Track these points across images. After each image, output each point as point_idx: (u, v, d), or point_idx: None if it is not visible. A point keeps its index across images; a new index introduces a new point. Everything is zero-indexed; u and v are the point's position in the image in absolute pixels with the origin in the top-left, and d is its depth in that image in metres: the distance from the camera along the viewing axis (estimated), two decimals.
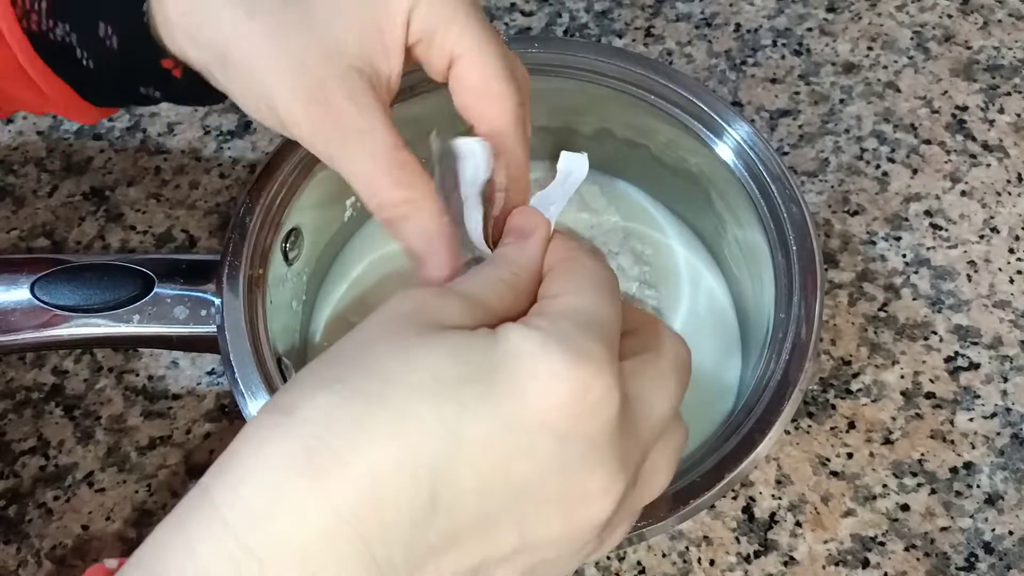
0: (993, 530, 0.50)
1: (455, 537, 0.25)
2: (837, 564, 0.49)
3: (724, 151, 0.50)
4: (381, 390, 0.25)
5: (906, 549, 0.50)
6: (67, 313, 0.45)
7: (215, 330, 0.45)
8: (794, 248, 0.47)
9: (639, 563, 0.49)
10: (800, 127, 0.63)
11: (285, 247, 0.49)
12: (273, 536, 0.24)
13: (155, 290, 0.46)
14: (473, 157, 0.36)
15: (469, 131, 0.37)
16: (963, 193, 0.61)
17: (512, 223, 0.35)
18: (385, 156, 0.34)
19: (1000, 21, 0.68)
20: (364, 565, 0.24)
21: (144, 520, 0.51)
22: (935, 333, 0.56)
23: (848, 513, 0.51)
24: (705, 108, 0.50)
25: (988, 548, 0.50)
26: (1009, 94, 0.65)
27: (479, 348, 0.26)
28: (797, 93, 0.65)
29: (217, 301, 0.45)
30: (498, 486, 0.25)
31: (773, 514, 0.51)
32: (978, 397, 0.54)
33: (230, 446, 0.26)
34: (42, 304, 0.45)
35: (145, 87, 0.41)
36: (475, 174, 0.37)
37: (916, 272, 0.58)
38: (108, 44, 0.38)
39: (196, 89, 0.39)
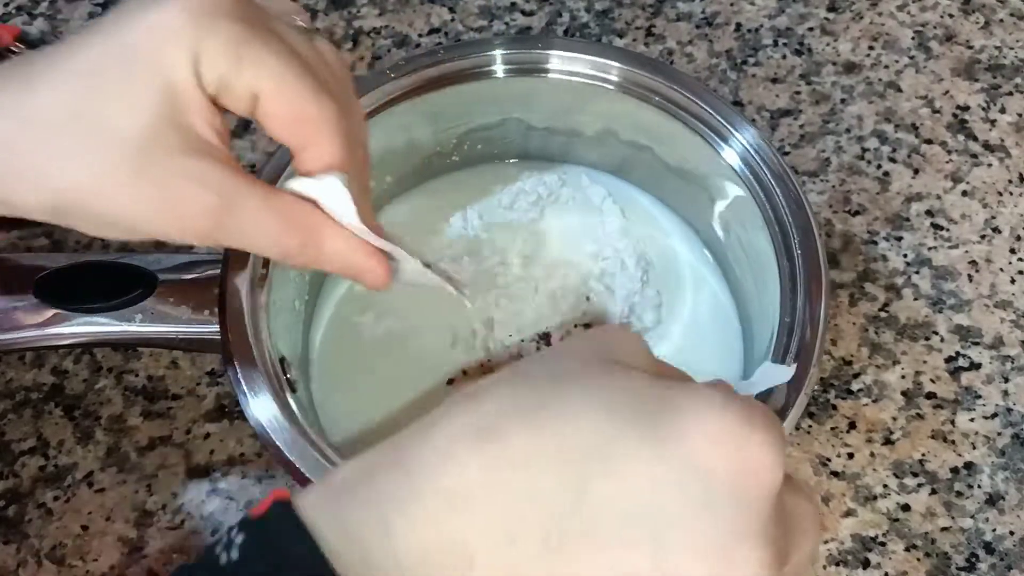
0: (994, 530, 0.50)
1: (592, 544, 0.26)
2: (838, 564, 0.49)
3: (728, 153, 0.50)
4: (557, 400, 0.27)
5: (907, 549, 0.50)
6: (69, 312, 0.45)
7: (217, 330, 0.45)
8: (799, 252, 0.46)
9: None
10: (801, 127, 0.63)
11: None
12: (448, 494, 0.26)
13: (157, 289, 0.46)
14: (329, 192, 0.36)
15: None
16: (964, 193, 0.61)
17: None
18: (265, 215, 0.34)
19: (1002, 21, 0.68)
20: (505, 542, 0.26)
21: (144, 520, 0.51)
22: (936, 333, 0.56)
23: (849, 513, 0.51)
24: (708, 109, 0.50)
25: (989, 548, 0.50)
26: (1011, 94, 0.65)
27: (657, 390, 0.27)
28: (798, 93, 0.65)
29: (219, 301, 0.45)
30: (641, 511, 0.26)
31: None
32: (979, 397, 0.54)
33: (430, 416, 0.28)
34: (45, 303, 0.45)
35: None
36: (344, 208, 0.36)
37: (917, 272, 0.58)
38: None
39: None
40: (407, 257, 0.40)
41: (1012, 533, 0.50)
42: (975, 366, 0.55)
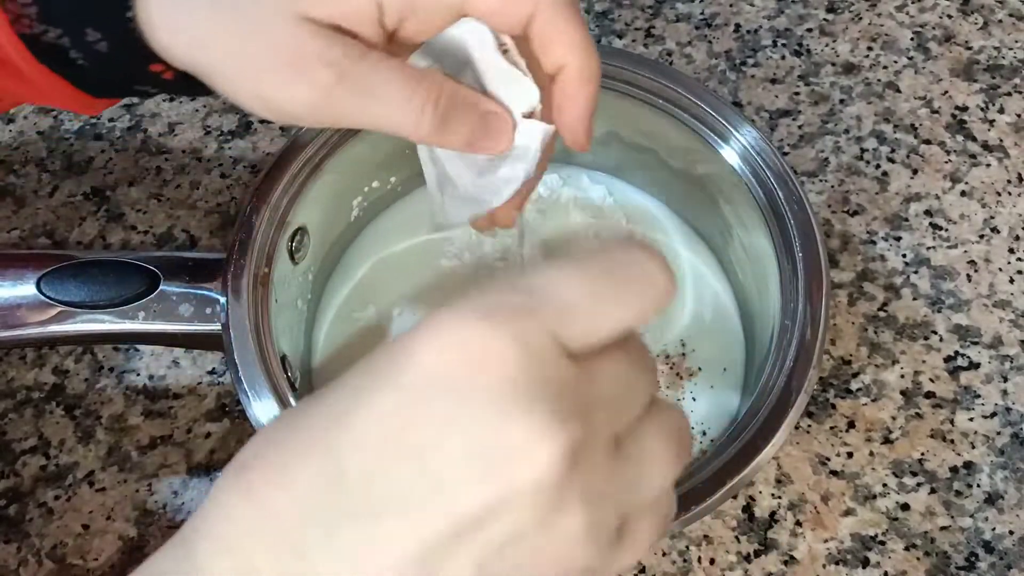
0: (993, 529, 0.50)
1: (375, 523, 0.24)
2: (837, 563, 0.50)
3: (729, 154, 0.50)
4: (301, 407, 0.27)
5: (906, 548, 0.50)
6: (73, 309, 0.45)
7: (220, 328, 0.45)
8: (800, 254, 0.47)
9: (639, 562, 0.49)
10: (800, 127, 0.64)
11: (291, 246, 0.49)
12: (217, 541, 0.26)
13: (160, 287, 0.46)
14: (472, 34, 0.36)
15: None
16: (963, 193, 0.61)
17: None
18: (398, 74, 0.34)
19: (1000, 21, 0.68)
20: (293, 563, 0.25)
21: (144, 519, 0.51)
22: (935, 333, 0.56)
23: (848, 512, 0.51)
24: (708, 110, 0.50)
25: (988, 547, 0.50)
26: (1009, 94, 0.65)
27: (386, 347, 0.26)
28: (797, 93, 0.65)
29: (222, 299, 0.45)
30: (404, 459, 0.24)
31: (773, 513, 0.51)
32: (978, 397, 0.54)
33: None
34: (48, 300, 0.45)
35: (140, 85, 0.41)
36: (481, 43, 0.36)
37: (916, 272, 0.58)
38: (97, 48, 0.38)
39: (190, 85, 0.39)
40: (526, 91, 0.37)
41: (1011, 532, 0.50)
42: (974, 365, 0.55)
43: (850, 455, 0.52)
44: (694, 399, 0.52)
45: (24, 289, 0.45)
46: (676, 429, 0.28)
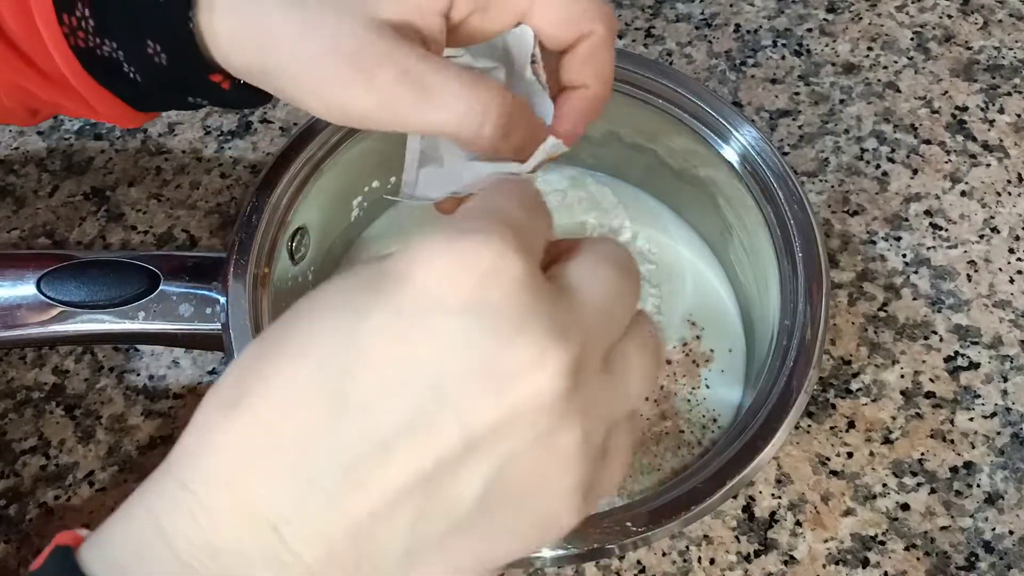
0: (993, 529, 0.50)
1: (384, 443, 0.24)
2: (837, 563, 0.50)
3: (729, 154, 0.50)
4: (283, 324, 0.26)
5: (906, 548, 0.50)
6: (73, 309, 0.45)
7: (220, 328, 0.45)
8: (799, 254, 0.47)
9: (639, 562, 0.49)
10: (800, 127, 0.64)
11: (291, 246, 0.49)
12: (211, 475, 0.25)
13: (160, 287, 0.46)
14: (515, 39, 0.36)
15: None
16: (963, 193, 0.61)
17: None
18: (458, 81, 0.33)
19: (1000, 21, 0.68)
20: (298, 488, 0.24)
21: None
22: (935, 333, 0.56)
23: (848, 512, 0.51)
24: (709, 110, 0.51)
25: (988, 547, 0.50)
26: (1009, 94, 0.65)
27: (376, 262, 0.26)
28: (797, 93, 0.65)
29: (222, 299, 0.45)
30: (409, 379, 0.24)
31: (773, 513, 0.51)
32: (978, 397, 0.54)
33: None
34: (48, 300, 0.45)
35: (194, 97, 0.41)
36: (520, 51, 0.37)
37: (916, 272, 0.58)
38: (156, 61, 0.38)
39: (244, 96, 0.39)
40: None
41: (1011, 532, 0.50)
42: (974, 366, 0.55)
43: (850, 455, 0.52)
44: (695, 399, 0.52)
45: (24, 289, 0.45)
46: (653, 343, 0.29)
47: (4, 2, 0.38)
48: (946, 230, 0.60)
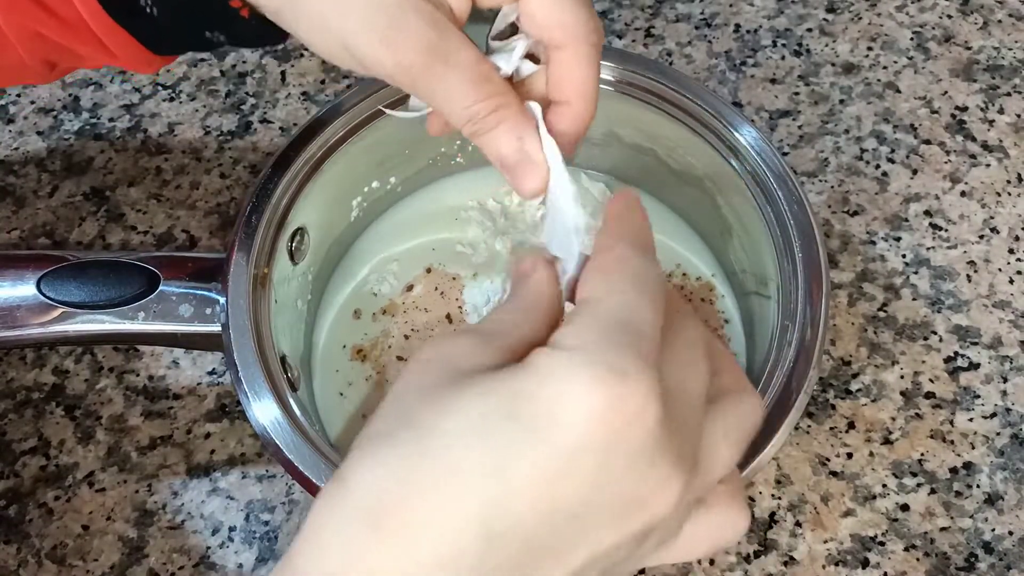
0: (993, 530, 0.50)
1: (520, 568, 0.26)
2: (837, 564, 0.50)
3: (729, 154, 0.50)
4: (421, 443, 0.26)
5: (906, 549, 0.50)
6: (72, 309, 0.45)
7: (220, 328, 0.45)
8: (799, 254, 0.47)
9: None
10: (800, 127, 0.64)
11: (291, 246, 0.49)
12: None
13: (160, 288, 0.46)
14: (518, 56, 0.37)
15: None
16: (963, 193, 0.61)
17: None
18: (471, 72, 0.35)
19: (1000, 21, 0.68)
20: None
21: (144, 520, 0.51)
22: (935, 333, 0.56)
23: (848, 513, 0.51)
24: (709, 110, 0.50)
25: (988, 548, 0.50)
26: (1009, 94, 0.65)
27: (507, 383, 0.26)
28: (797, 94, 0.65)
29: (222, 299, 0.45)
30: (549, 512, 0.25)
31: (773, 514, 0.51)
32: (978, 397, 0.54)
33: (308, 517, 0.27)
34: (48, 300, 0.45)
35: (211, 31, 0.41)
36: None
37: (916, 272, 0.58)
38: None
39: (262, 30, 0.39)
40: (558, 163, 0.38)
41: (1011, 533, 0.50)
42: (974, 366, 0.55)
43: (850, 456, 0.52)
44: None
45: (24, 289, 0.45)
46: (738, 421, 0.30)
47: None
48: (946, 230, 0.60)
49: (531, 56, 0.37)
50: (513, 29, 0.37)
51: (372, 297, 0.55)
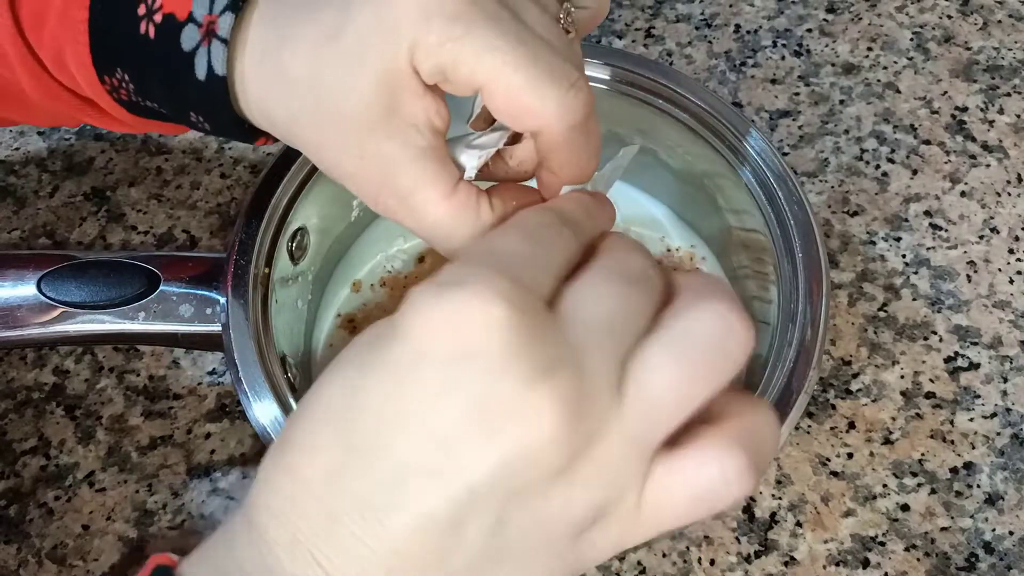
0: (993, 530, 0.50)
1: (394, 483, 0.26)
2: (837, 564, 0.50)
3: (729, 154, 0.50)
4: (320, 379, 0.28)
5: (906, 549, 0.50)
6: (73, 309, 0.45)
7: (220, 328, 0.45)
8: (800, 254, 0.47)
9: (639, 563, 0.49)
10: (800, 128, 0.64)
11: (291, 246, 0.49)
12: (270, 514, 0.27)
13: (161, 288, 0.46)
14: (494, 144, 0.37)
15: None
16: (963, 194, 0.61)
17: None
18: (437, 208, 0.34)
19: (1000, 22, 0.68)
20: (328, 526, 0.26)
21: (145, 520, 0.51)
22: (935, 333, 0.56)
23: (848, 513, 0.51)
24: (709, 110, 0.51)
25: (988, 548, 0.50)
26: (1009, 95, 0.65)
27: (388, 318, 0.27)
28: (797, 94, 0.65)
29: (222, 300, 0.45)
30: (399, 426, 0.26)
31: (773, 514, 0.51)
32: (978, 397, 0.54)
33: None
34: (48, 300, 0.45)
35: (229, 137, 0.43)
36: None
37: (916, 272, 0.58)
38: (200, 125, 0.39)
39: (246, 132, 0.40)
40: None
41: (1011, 533, 0.50)
42: (974, 366, 0.55)
43: (850, 456, 0.52)
44: None
45: (24, 289, 0.45)
46: (683, 333, 0.27)
47: (63, 50, 0.39)
48: (946, 230, 0.60)
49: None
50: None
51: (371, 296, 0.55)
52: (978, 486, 0.52)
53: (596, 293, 0.28)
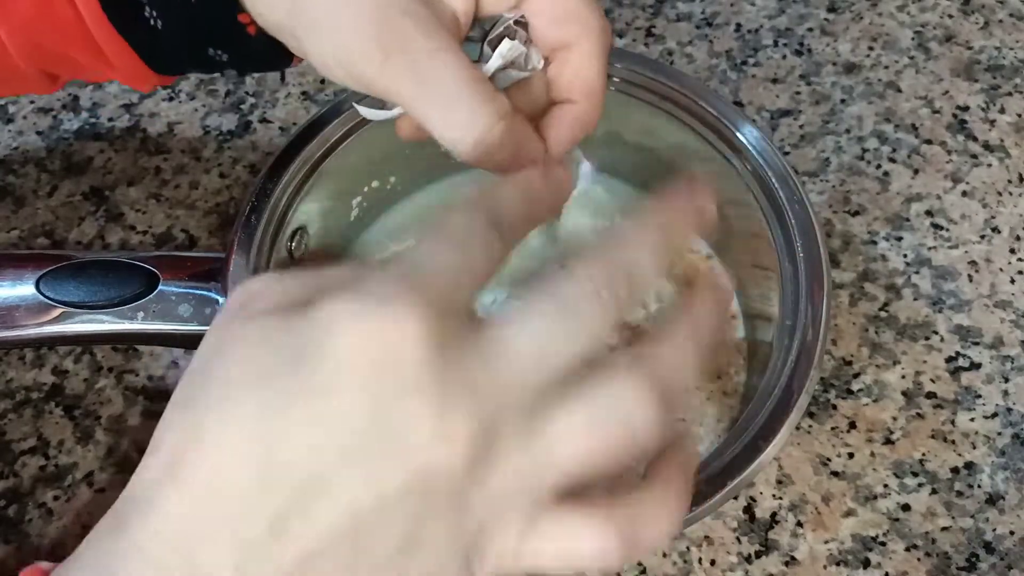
0: (994, 530, 0.50)
1: (301, 502, 0.24)
2: (838, 564, 0.49)
3: (730, 154, 0.50)
4: (214, 377, 0.26)
5: (907, 549, 0.50)
6: (72, 309, 0.45)
7: None
8: (801, 254, 0.47)
9: (639, 563, 0.49)
10: (801, 127, 0.63)
11: (291, 246, 0.49)
12: (161, 537, 0.25)
13: (159, 287, 0.46)
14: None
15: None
16: (964, 193, 0.61)
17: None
18: (473, 88, 0.33)
19: (1001, 21, 0.68)
20: (234, 549, 0.24)
21: None
22: (936, 333, 0.56)
23: (849, 513, 0.51)
24: (710, 110, 0.50)
25: (989, 548, 0.50)
26: (1010, 94, 0.65)
27: (294, 315, 0.25)
28: (798, 93, 0.65)
29: (222, 299, 0.45)
30: (322, 447, 0.24)
31: (774, 514, 0.51)
32: (979, 397, 0.54)
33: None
34: (47, 300, 0.45)
35: (214, 48, 0.40)
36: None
37: (917, 272, 0.58)
38: (218, 59, 0.38)
39: (266, 51, 0.39)
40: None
41: (1012, 533, 0.50)
42: (975, 366, 0.55)
43: (851, 456, 0.52)
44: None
45: (23, 289, 0.45)
46: (619, 420, 0.26)
47: None
48: (947, 230, 0.59)
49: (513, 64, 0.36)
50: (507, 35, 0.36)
51: None
52: (979, 486, 0.51)
53: (528, 323, 0.26)
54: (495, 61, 0.36)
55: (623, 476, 0.27)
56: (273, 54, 0.38)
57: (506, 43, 0.36)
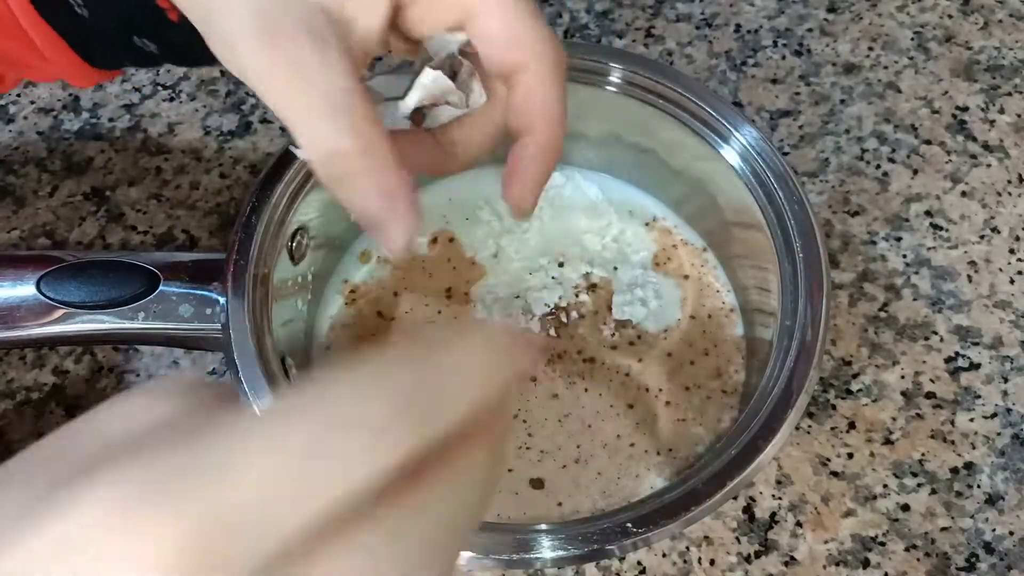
0: (994, 530, 0.50)
1: None
2: (838, 564, 0.49)
3: (729, 154, 0.50)
4: None
5: (907, 549, 0.50)
6: (72, 309, 0.45)
7: (220, 328, 0.45)
8: (800, 254, 0.47)
9: (639, 563, 0.49)
10: (800, 127, 0.63)
11: (291, 246, 0.49)
12: None
13: (160, 288, 0.46)
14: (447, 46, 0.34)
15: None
16: (964, 193, 0.61)
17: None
18: (334, 97, 0.30)
19: (1001, 21, 0.68)
20: None
21: None
22: (935, 333, 0.56)
23: (848, 513, 0.51)
24: (709, 110, 0.50)
25: (989, 548, 0.50)
26: (1010, 94, 0.65)
27: (61, 496, 0.19)
28: (797, 93, 0.65)
29: (222, 300, 0.45)
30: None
31: (773, 514, 0.51)
32: (979, 397, 0.54)
33: None
34: (48, 300, 0.45)
35: (140, 37, 0.40)
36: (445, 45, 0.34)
37: (917, 272, 0.58)
38: (146, 48, 0.37)
39: (191, 41, 0.37)
40: None
41: (1012, 533, 0.50)
42: (974, 366, 0.55)
43: (850, 456, 0.52)
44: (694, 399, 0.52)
45: (24, 290, 0.45)
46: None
47: None
48: (947, 230, 0.59)
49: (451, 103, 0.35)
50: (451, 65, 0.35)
51: (372, 295, 0.55)
52: (978, 486, 0.52)
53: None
54: (416, 92, 0.34)
55: None
56: (199, 45, 0.37)
57: (428, 72, 0.34)
